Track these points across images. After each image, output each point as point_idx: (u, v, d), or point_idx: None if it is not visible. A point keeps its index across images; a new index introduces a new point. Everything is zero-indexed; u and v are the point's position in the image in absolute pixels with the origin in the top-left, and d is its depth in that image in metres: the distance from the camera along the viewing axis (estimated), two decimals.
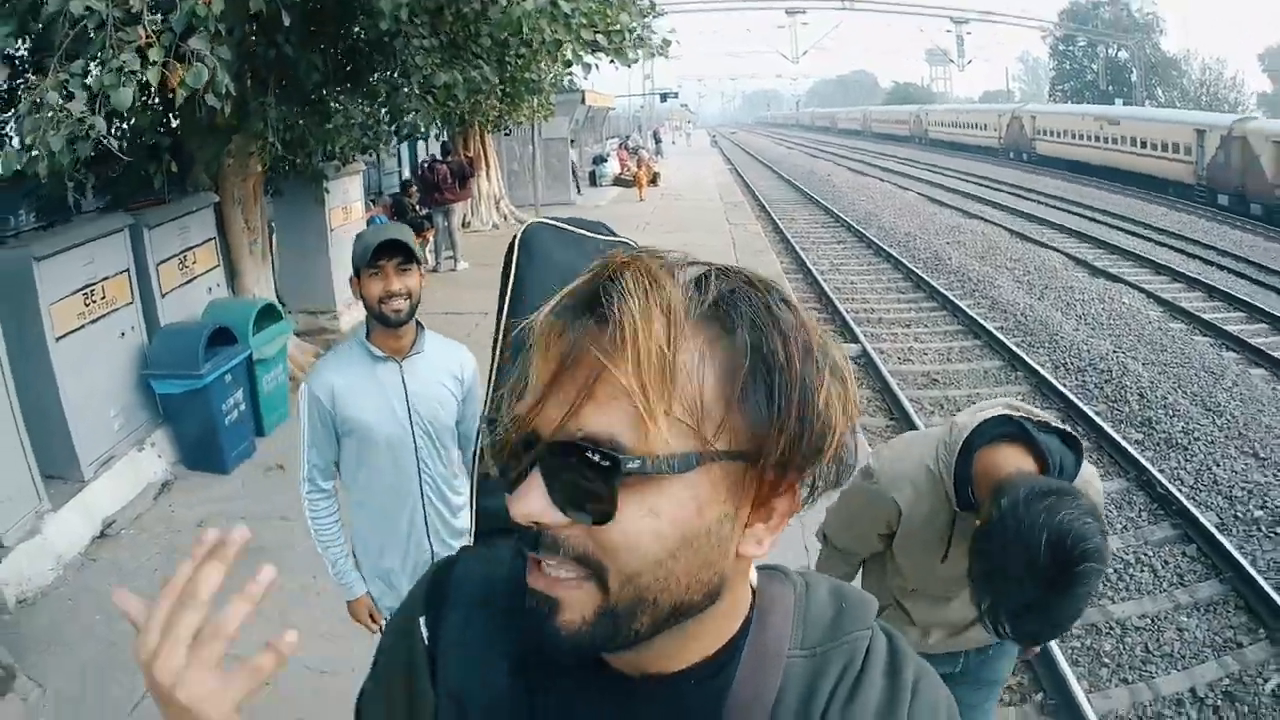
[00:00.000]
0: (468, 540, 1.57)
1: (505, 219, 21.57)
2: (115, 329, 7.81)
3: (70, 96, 5.69)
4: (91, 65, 5.90)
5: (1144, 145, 39.09)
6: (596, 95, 31.90)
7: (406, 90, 9.82)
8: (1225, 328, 14.91)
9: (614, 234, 1.57)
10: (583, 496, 0.85)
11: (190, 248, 8.99)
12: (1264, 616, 6.77)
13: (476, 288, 13.83)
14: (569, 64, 12.72)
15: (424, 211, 17.11)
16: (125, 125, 7.65)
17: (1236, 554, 7.46)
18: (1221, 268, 20.78)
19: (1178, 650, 6.57)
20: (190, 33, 6.10)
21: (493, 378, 1.42)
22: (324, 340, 11.49)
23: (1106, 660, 6.46)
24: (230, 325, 8.20)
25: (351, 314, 12.20)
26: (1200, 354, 13.41)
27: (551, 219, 1.53)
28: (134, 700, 5.03)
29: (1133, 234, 25.72)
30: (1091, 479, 2.70)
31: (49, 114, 5.55)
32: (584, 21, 10.55)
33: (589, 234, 1.52)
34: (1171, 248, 23.53)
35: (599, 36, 11.57)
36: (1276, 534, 8.09)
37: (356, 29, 9.25)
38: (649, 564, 0.87)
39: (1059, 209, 31.12)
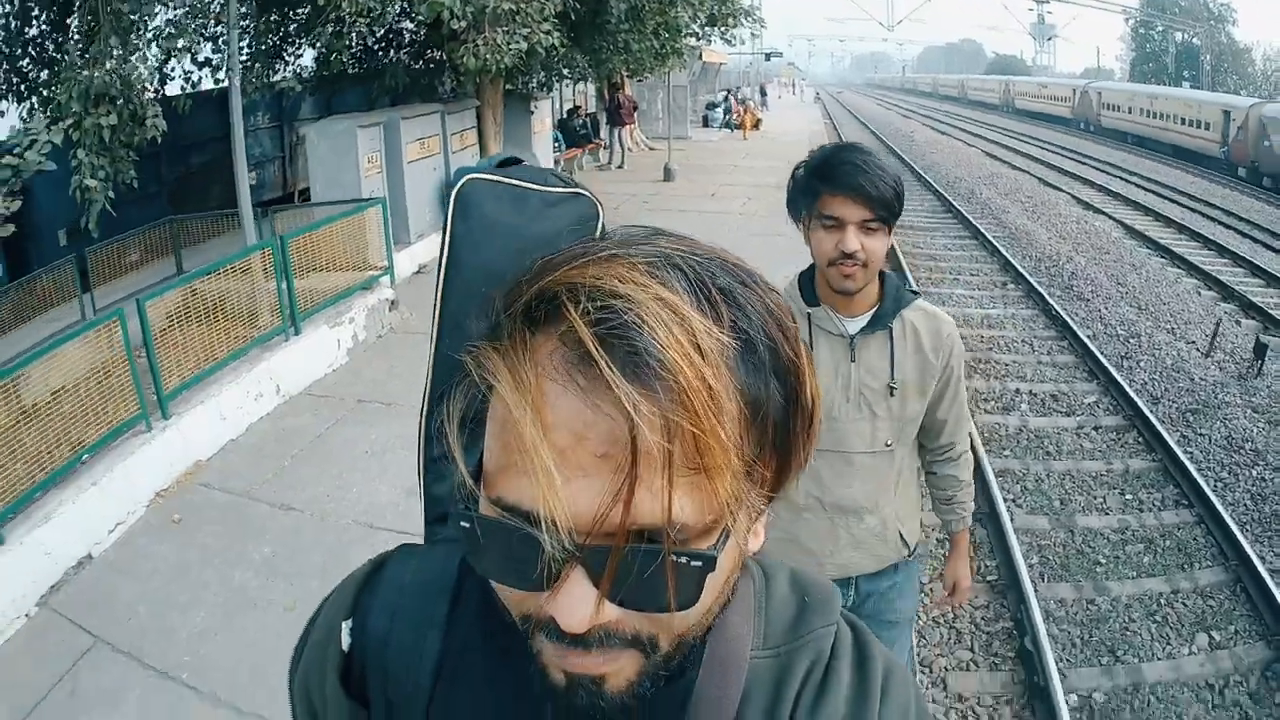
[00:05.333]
0: None
1: (637, 144, 25.84)
2: (430, 165, 12.70)
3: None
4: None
5: (1054, 98, 62.19)
6: (711, 52, 35.64)
7: (609, 51, 15.30)
8: (1162, 243, 18.85)
9: (565, 182, 1.21)
10: (656, 595, 0.70)
11: (464, 129, 13.89)
12: (1099, 376, 10.36)
13: (624, 182, 20.45)
14: (696, 39, 17.95)
15: (583, 131, 22.01)
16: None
17: (1094, 348, 11.09)
18: (1177, 203, 25.17)
19: (1029, 374, 10.59)
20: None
21: (433, 358, 1.19)
22: None
23: (983, 397, 10.14)
24: (504, 162, 12.76)
25: None
26: (1132, 256, 17.25)
27: (489, 172, 1.20)
28: None
29: (1113, 175, 30.83)
30: (941, 313, 2.85)
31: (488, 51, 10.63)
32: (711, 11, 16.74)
33: (531, 186, 1.18)
34: (1143, 188, 28.12)
35: (718, 26, 18.01)
36: (1129, 344, 11.72)
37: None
38: (701, 616, 0.77)
39: (1057, 154, 37.76)
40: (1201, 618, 6.28)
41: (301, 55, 12.76)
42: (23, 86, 9.94)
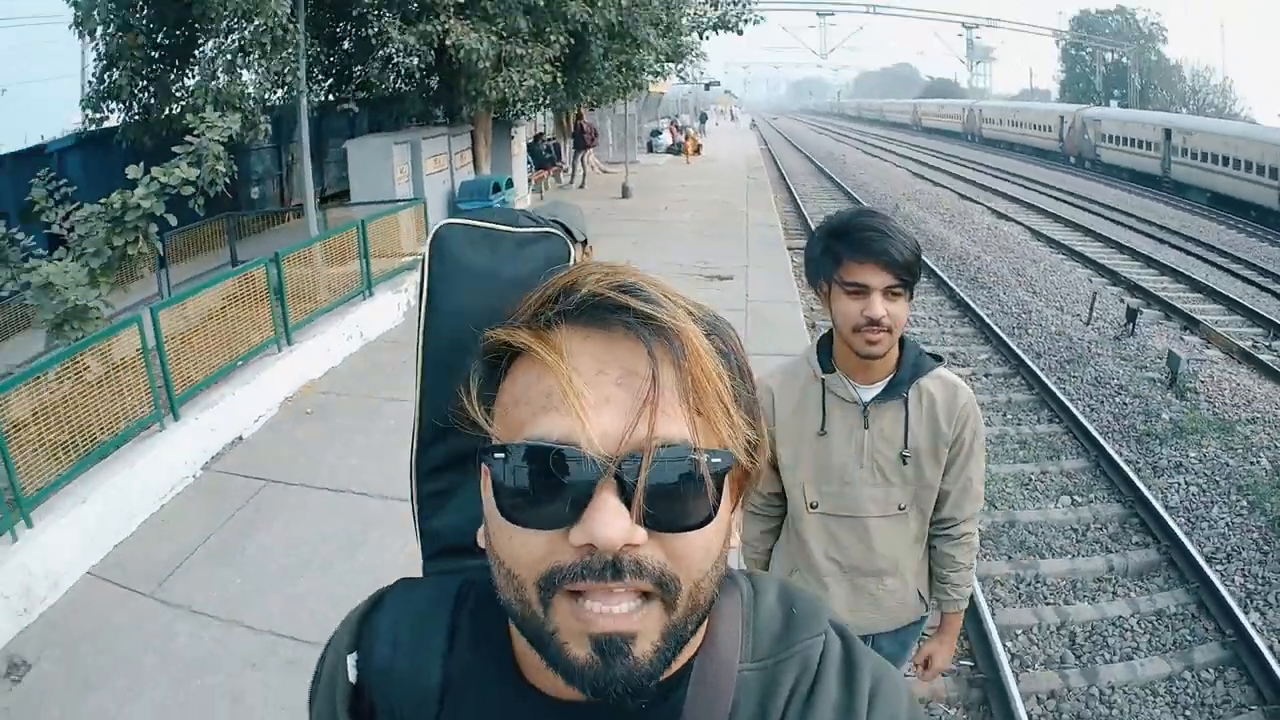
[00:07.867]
0: None
1: (592, 168, 28.31)
2: (440, 179, 15.36)
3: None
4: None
5: (949, 117, 74.94)
6: (654, 84, 38.87)
7: (585, 85, 18.42)
8: (1060, 240, 21.73)
9: (536, 222, 1.30)
10: (680, 506, 0.79)
11: (462, 150, 16.61)
12: (992, 340, 12.88)
13: (589, 198, 23.13)
14: (656, 75, 21.03)
15: (548, 155, 24.53)
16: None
17: (990, 321, 13.47)
18: (1078, 207, 28.70)
19: (933, 340, 12.25)
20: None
21: (420, 398, 1.30)
22: None
23: None
24: (498, 182, 15.52)
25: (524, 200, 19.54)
26: (1033, 252, 20.07)
27: (463, 218, 1.28)
28: None
29: (1025, 187, 34.45)
30: (960, 383, 2.84)
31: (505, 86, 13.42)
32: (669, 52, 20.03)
33: (504, 228, 1.27)
34: (1051, 196, 31.59)
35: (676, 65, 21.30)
36: (1021, 318, 14.14)
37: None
38: (710, 566, 0.83)
39: (993, 176, 40.12)
40: (1065, 488, 8.33)
41: (331, 83, 15.49)
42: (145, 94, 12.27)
